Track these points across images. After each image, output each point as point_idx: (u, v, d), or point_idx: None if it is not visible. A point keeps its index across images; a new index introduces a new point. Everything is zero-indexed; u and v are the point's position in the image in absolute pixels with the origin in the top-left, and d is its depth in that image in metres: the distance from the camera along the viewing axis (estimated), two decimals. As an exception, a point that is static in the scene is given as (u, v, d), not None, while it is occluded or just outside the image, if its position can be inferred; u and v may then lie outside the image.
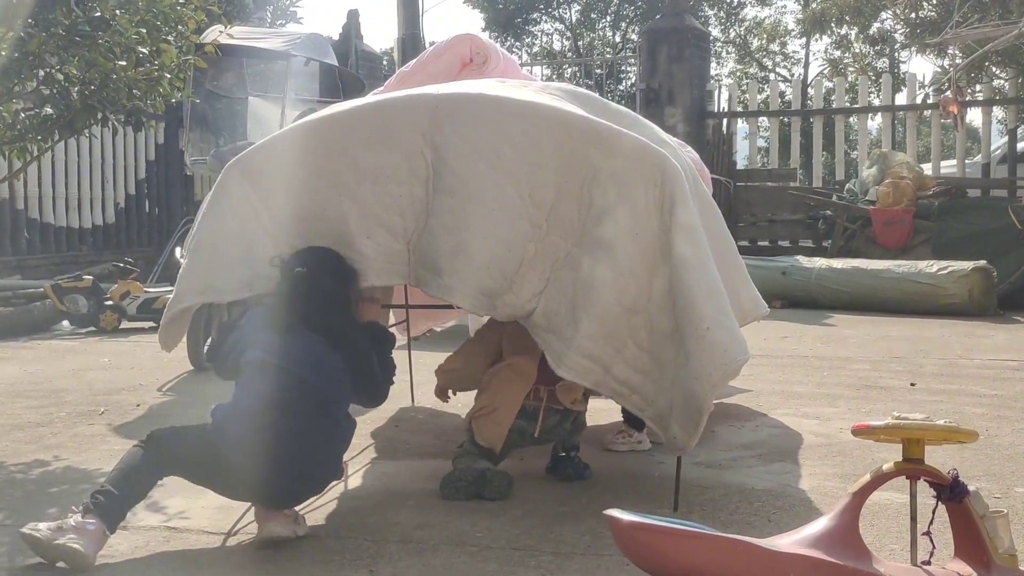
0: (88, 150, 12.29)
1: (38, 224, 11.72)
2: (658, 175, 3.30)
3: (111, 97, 4.74)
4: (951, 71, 12.49)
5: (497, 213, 3.35)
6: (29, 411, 5.45)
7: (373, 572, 3.00)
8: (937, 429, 2.47)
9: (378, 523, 3.45)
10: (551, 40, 31.75)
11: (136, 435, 4.85)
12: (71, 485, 4.01)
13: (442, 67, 4.41)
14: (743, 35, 32.67)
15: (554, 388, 3.81)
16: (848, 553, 2.41)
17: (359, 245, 3.47)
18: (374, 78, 13.52)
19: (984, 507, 2.49)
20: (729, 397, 5.50)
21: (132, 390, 6.05)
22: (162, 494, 3.86)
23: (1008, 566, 2.45)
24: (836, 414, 5.11)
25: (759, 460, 4.27)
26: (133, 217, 13.28)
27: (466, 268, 3.36)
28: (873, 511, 3.38)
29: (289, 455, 3.18)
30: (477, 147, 3.38)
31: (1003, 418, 4.97)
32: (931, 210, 10.80)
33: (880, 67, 26.07)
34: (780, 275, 10.16)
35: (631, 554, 2.41)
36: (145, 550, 3.24)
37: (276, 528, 3.22)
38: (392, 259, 3.49)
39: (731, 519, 3.44)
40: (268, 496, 3.25)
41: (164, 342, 3.88)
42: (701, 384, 3.14)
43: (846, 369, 6.47)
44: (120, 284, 9.11)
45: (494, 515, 3.52)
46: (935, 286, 9.35)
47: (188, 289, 3.65)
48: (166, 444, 3.27)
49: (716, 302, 3.22)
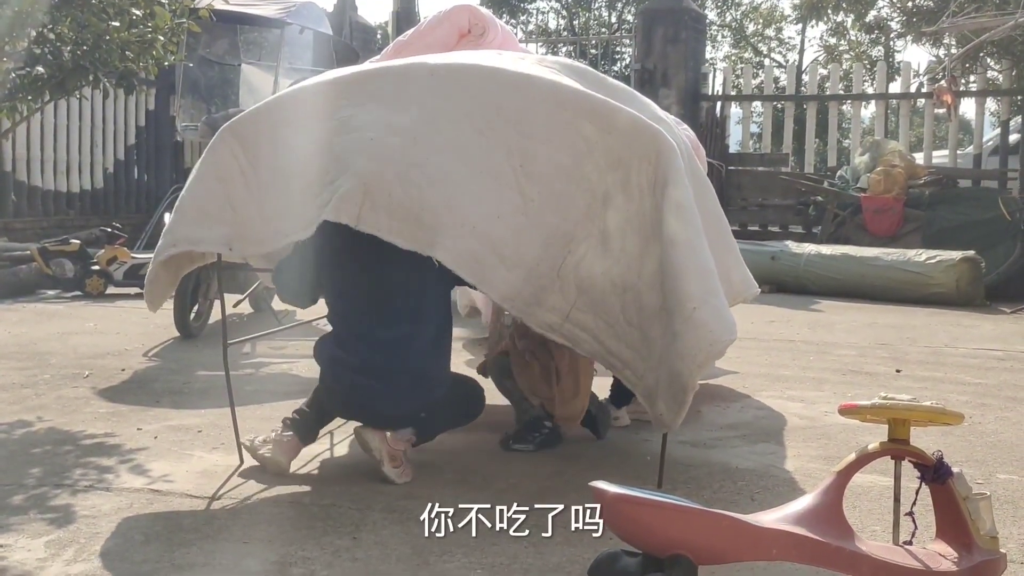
0: (78, 114, 12.18)
1: (25, 187, 11.62)
2: (652, 152, 3.27)
3: (103, 58, 4.69)
4: (946, 61, 12.49)
5: (486, 178, 3.30)
6: (13, 372, 5.43)
7: (356, 539, 3.01)
8: (923, 410, 2.48)
9: (363, 492, 3.45)
10: (546, 18, 31.61)
11: (121, 399, 4.88)
12: (54, 446, 4.00)
13: (440, 37, 4.38)
14: (739, 19, 32.60)
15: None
16: (831, 531, 2.42)
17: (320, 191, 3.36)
18: (368, 50, 13.42)
19: (967, 489, 2.50)
20: (715, 378, 5.52)
21: (117, 355, 6.03)
22: (146, 457, 3.87)
23: (989, 548, 2.46)
24: (821, 397, 5.13)
25: (743, 440, 4.29)
26: (122, 183, 13.17)
27: (450, 222, 3.27)
28: (856, 493, 3.39)
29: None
30: (469, 114, 3.34)
31: (986, 406, 5.00)
32: (922, 199, 10.82)
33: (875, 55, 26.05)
34: (769, 260, 10.16)
35: (616, 526, 2.42)
36: (128, 511, 3.23)
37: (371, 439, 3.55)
38: (345, 198, 3.30)
39: (715, 497, 3.46)
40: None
41: (148, 300, 3.92)
42: (687, 363, 3.13)
43: (832, 354, 6.49)
44: (107, 249, 9.06)
45: (478, 488, 3.53)
46: (923, 275, 9.37)
47: (166, 244, 3.64)
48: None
49: (705, 282, 3.20)
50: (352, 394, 3.60)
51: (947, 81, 11.64)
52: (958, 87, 11.99)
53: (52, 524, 3.09)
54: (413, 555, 2.89)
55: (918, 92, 12.92)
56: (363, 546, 2.95)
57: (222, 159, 3.55)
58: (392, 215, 3.28)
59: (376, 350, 3.54)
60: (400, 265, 3.48)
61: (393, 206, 3.27)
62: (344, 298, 3.67)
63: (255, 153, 3.53)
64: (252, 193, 3.52)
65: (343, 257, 3.61)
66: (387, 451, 3.54)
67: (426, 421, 3.69)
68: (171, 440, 4.11)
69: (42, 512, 3.21)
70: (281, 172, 3.48)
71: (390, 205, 3.27)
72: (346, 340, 3.62)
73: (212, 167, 3.57)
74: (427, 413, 3.66)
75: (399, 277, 3.54)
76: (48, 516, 3.17)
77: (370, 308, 3.58)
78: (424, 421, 3.68)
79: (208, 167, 3.59)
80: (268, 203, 3.49)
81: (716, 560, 2.43)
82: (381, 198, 3.28)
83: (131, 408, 4.68)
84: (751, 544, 2.38)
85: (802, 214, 11.93)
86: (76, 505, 3.28)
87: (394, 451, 3.56)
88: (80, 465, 3.74)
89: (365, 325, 3.58)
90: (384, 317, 3.56)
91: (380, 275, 3.55)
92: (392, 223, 3.28)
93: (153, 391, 5.08)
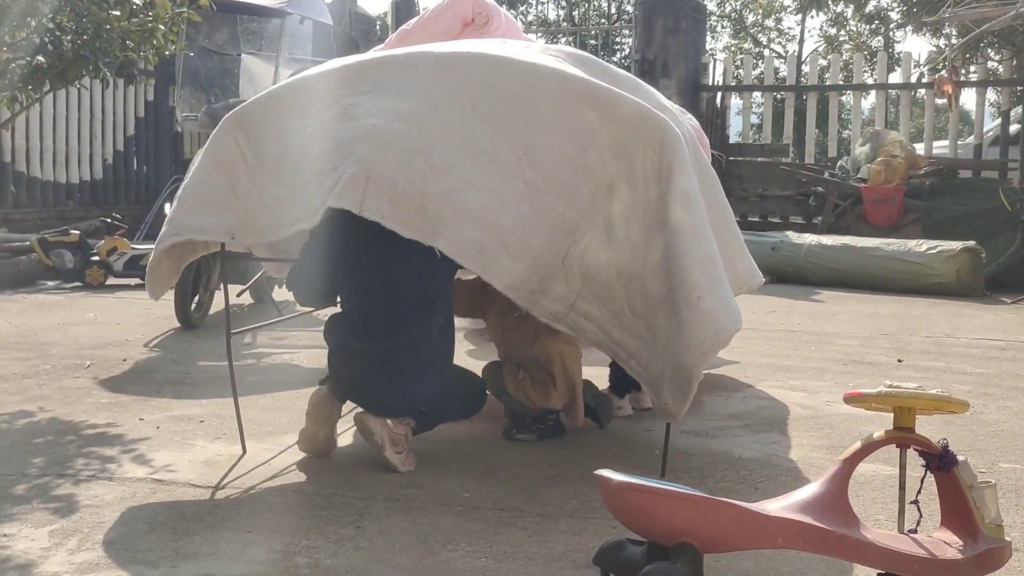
0: (78, 105, 12.15)
1: (25, 178, 11.60)
2: (657, 141, 3.26)
3: (104, 47, 4.69)
4: (946, 51, 12.47)
5: (489, 166, 3.28)
6: (14, 363, 5.42)
7: (360, 528, 3.00)
8: (929, 398, 2.47)
9: (366, 481, 3.45)
10: (546, 9, 31.54)
11: (122, 389, 4.87)
12: (56, 436, 4.00)
13: (443, 26, 4.36)
14: (739, 9, 32.55)
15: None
16: (836, 519, 2.41)
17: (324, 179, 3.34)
18: (368, 40, 13.39)
19: (972, 477, 2.49)
20: (717, 368, 5.52)
21: (118, 345, 6.02)
22: (148, 447, 3.87)
23: (994, 536, 2.46)
24: (823, 387, 5.13)
25: (746, 430, 4.29)
26: (121, 174, 13.15)
27: (452, 211, 3.25)
28: (860, 482, 3.39)
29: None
30: (474, 102, 3.33)
31: (988, 395, 5.00)
32: (922, 190, 10.81)
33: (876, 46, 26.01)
34: (770, 250, 10.16)
35: (620, 515, 2.41)
36: (132, 501, 3.23)
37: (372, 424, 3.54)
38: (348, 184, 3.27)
39: (718, 486, 3.45)
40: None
41: (150, 289, 3.92)
42: (692, 352, 3.12)
43: (834, 344, 6.49)
44: (107, 240, 9.05)
45: (482, 477, 3.53)
46: (924, 265, 9.37)
47: (168, 232, 3.63)
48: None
49: (710, 270, 3.19)
50: (359, 381, 3.60)
51: (947, 71, 11.60)
52: (958, 77, 11.95)
53: (55, 514, 3.09)
54: (417, 543, 2.89)
55: (918, 82, 12.90)
56: (367, 535, 2.95)
57: (225, 148, 3.54)
58: (395, 203, 3.25)
59: (385, 340, 3.53)
60: (407, 257, 3.46)
61: (396, 194, 3.25)
62: (356, 294, 3.66)
63: (258, 142, 3.51)
64: (255, 182, 3.51)
65: (350, 254, 3.60)
66: (388, 435, 3.54)
67: (426, 414, 3.71)
68: (173, 430, 4.11)
69: (45, 502, 3.20)
70: (284, 161, 3.47)
71: (393, 192, 3.25)
72: (356, 326, 3.61)
73: (215, 156, 3.56)
74: (428, 407, 3.67)
75: (406, 270, 3.52)
76: (51, 506, 3.16)
77: (379, 302, 3.57)
78: (424, 415, 3.70)
79: (211, 156, 3.57)
80: (271, 192, 3.48)
81: (721, 548, 2.42)
82: (384, 185, 3.25)
83: (133, 398, 4.67)
84: (757, 532, 2.38)
85: (802, 204, 11.92)
86: (79, 495, 3.28)
87: (395, 435, 3.56)
88: (82, 455, 3.74)
89: (376, 317, 3.57)
90: (394, 310, 3.54)
91: (388, 268, 3.54)
92: (395, 211, 3.25)
93: (154, 381, 5.07)
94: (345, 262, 3.63)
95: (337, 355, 3.67)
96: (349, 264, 3.63)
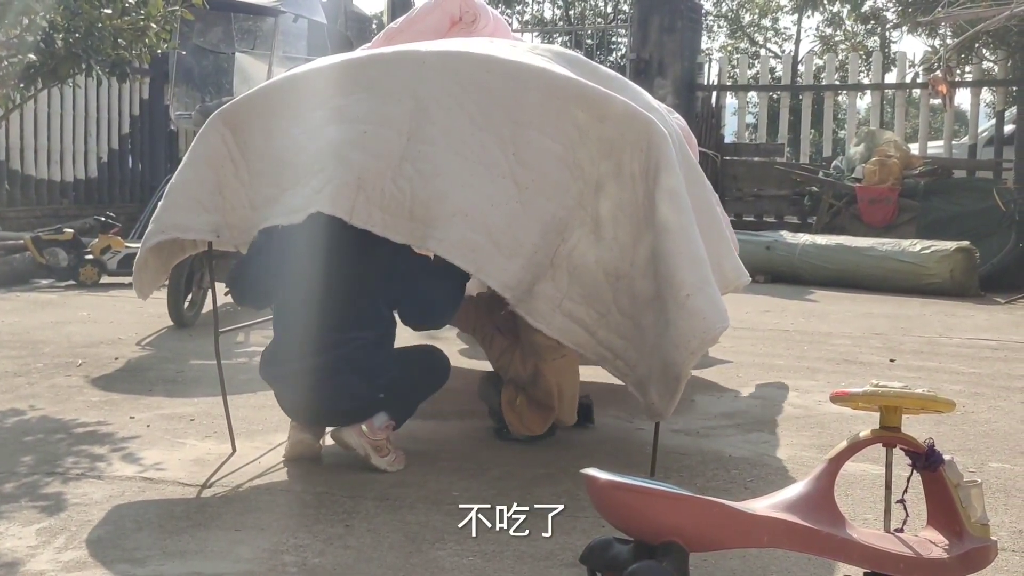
0: (72, 103, 12.13)
1: (19, 176, 11.58)
2: (645, 140, 3.25)
3: (96, 46, 4.68)
4: (941, 51, 12.48)
5: (478, 167, 3.28)
6: (6, 361, 5.41)
7: (349, 527, 3.00)
8: (915, 397, 2.47)
9: (355, 480, 3.45)
10: (542, 8, 31.49)
11: (113, 387, 4.87)
12: (46, 434, 4.00)
13: (431, 24, 4.35)
14: (735, 9, 32.53)
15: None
16: (823, 518, 2.41)
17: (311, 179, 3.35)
18: (363, 39, 13.35)
19: (958, 476, 2.49)
20: (709, 367, 5.52)
21: (111, 343, 6.02)
22: (138, 445, 3.87)
23: (980, 535, 2.46)
24: (815, 387, 5.14)
25: (737, 429, 4.29)
26: (116, 172, 13.13)
27: (441, 213, 3.25)
28: (848, 481, 3.40)
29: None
30: (461, 102, 3.33)
31: (980, 395, 5.00)
32: (917, 189, 10.82)
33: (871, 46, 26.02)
34: (764, 250, 10.17)
35: (608, 513, 2.41)
36: (120, 499, 3.23)
37: (348, 437, 3.51)
38: (340, 191, 3.30)
39: (708, 485, 3.46)
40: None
41: (137, 288, 3.90)
42: (680, 351, 3.12)
43: (826, 344, 6.49)
44: (101, 238, 9.04)
45: (471, 476, 3.53)
46: (918, 265, 9.38)
47: (154, 231, 3.62)
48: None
49: (697, 269, 3.18)
50: (308, 402, 3.56)
51: (942, 71, 11.62)
52: (953, 77, 11.96)
53: (43, 512, 3.09)
54: (406, 542, 2.89)
55: (913, 82, 12.92)
56: (355, 533, 2.95)
57: (212, 146, 3.54)
58: (385, 210, 3.28)
59: (321, 353, 3.48)
60: (350, 270, 3.47)
61: (386, 201, 3.28)
62: (292, 303, 3.59)
63: (245, 140, 3.51)
64: (242, 180, 3.51)
65: (294, 261, 3.53)
66: (369, 443, 3.51)
67: (395, 401, 3.61)
68: (163, 428, 4.11)
69: (33, 500, 3.20)
70: (271, 160, 3.47)
71: (383, 200, 3.28)
72: (286, 349, 3.56)
73: (202, 154, 3.55)
74: (389, 393, 3.58)
75: (347, 284, 3.49)
76: (39, 504, 3.16)
77: (318, 311, 3.50)
78: (392, 402, 3.60)
79: (198, 154, 3.57)
80: (258, 191, 3.48)
81: (708, 547, 2.42)
82: (375, 193, 3.28)
83: (124, 396, 4.67)
84: (743, 531, 2.38)
85: (797, 204, 11.92)
86: (68, 493, 3.27)
87: (376, 442, 3.53)
88: (72, 453, 3.74)
89: (312, 328, 3.50)
90: (331, 321, 3.49)
91: (330, 279, 3.50)
92: (385, 217, 3.28)
93: (146, 380, 5.07)
94: (284, 267, 3.54)
95: (278, 386, 3.63)
96: (288, 269, 3.54)
